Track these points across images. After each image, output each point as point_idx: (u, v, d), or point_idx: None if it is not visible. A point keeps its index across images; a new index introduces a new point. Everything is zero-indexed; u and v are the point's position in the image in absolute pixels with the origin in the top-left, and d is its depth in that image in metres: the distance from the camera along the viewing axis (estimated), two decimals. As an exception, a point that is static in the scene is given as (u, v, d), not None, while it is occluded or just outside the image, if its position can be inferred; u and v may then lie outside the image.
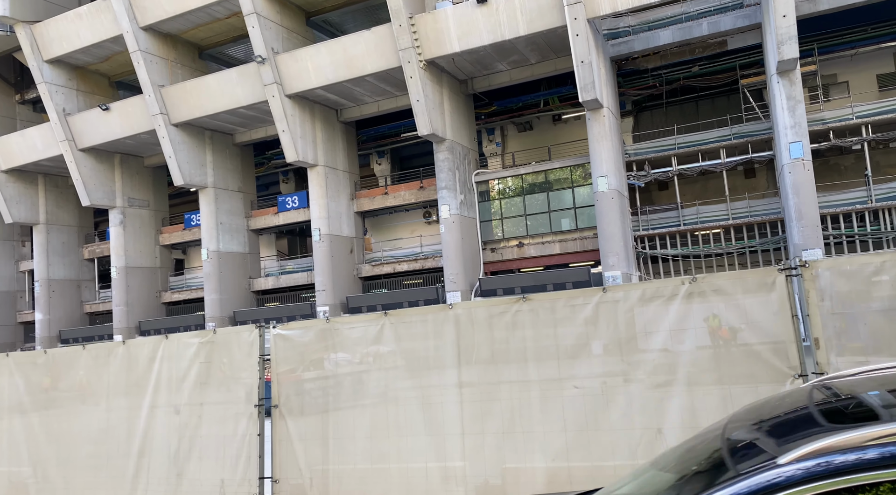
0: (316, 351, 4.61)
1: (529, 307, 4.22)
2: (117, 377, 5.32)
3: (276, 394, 4.73)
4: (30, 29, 26.71)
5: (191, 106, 25.45)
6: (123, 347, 5.44)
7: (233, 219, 28.43)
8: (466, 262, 23.02)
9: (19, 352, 6.00)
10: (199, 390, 4.96)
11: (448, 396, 4.08)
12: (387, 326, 4.50)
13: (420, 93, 21.47)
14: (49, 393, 5.71)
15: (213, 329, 4.90)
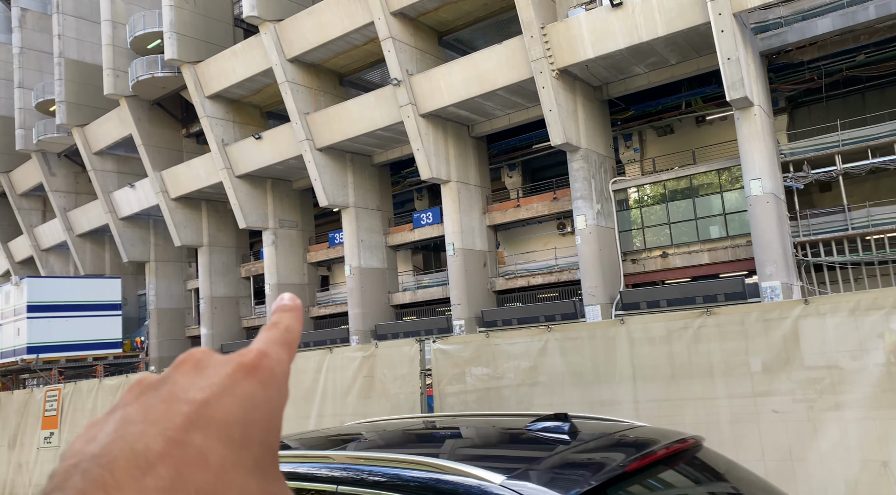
0: (477, 366, 4.45)
1: (715, 322, 3.79)
2: None
3: (438, 410, 4.60)
4: (193, 69, 29.54)
5: (333, 130, 26.83)
6: None
7: (372, 237, 29.51)
8: (605, 275, 22.19)
9: None
10: (363, 403, 4.95)
11: (622, 414, 3.77)
12: (551, 342, 4.25)
13: (552, 102, 21.13)
14: None
15: (374, 343, 4.92)
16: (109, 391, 7.42)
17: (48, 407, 7.82)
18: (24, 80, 38.70)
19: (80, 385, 7.93)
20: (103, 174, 36.51)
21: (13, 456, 8.43)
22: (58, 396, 7.69)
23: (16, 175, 42.44)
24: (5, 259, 47.73)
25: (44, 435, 7.97)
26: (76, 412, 7.78)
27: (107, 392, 7.44)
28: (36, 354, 32.88)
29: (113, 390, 7.32)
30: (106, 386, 7.57)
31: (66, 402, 7.77)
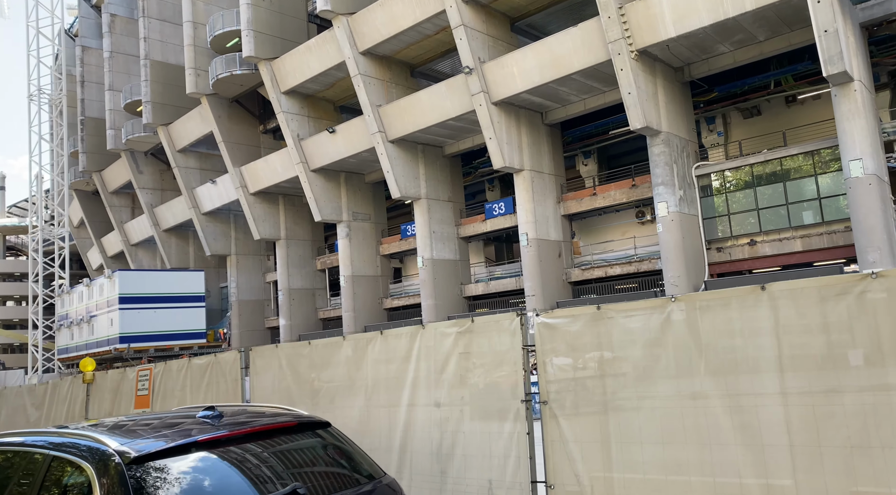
0: (587, 342, 4.08)
1: (883, 286, 3.23)
2: (375, 367, 5.36)
3: (544, 390, 4.27)
4: (270, 65, 30.21)
5: (405, 122, 26.83)
6: (381, 338, 5.46)
7: (444, 228, 29.41)
8: (689, 264, 21.22)
9: (286, 343, 6.64)
10: (459, 383, 4.69)
11: (766, 399, 3.30)
12: (675, 313, 3.78)
13: (632, 85, 20.32)
14: (313, 385, 5.98)
15: (470, 317, 4.65)
16: (198, 370, 7.45)
17: (140, 386, 8.00)
18: (114, 82, 40.73)
19: (170, 364, 7.93)
20: (186, 171, 37.99)
21: None
22: (149, 375, 7.84)
23: (107, 173, 44.80)
24: (99, 254, 50.60)
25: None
26: (167, 391, 7.87)
27: (195, 371, 7.47)
28: (127, 344, 34.62)
29: (202, 369, 7.36)
30: (195, 365, 7.56)
31: (157, 381, 7.92)
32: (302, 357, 6.09)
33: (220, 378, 6.97)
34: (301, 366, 6.14)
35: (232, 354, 6.90)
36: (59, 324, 42.82)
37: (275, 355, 6.38)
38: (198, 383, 7.24)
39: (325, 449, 4.02)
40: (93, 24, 45.95)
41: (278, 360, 6.34)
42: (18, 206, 78.83)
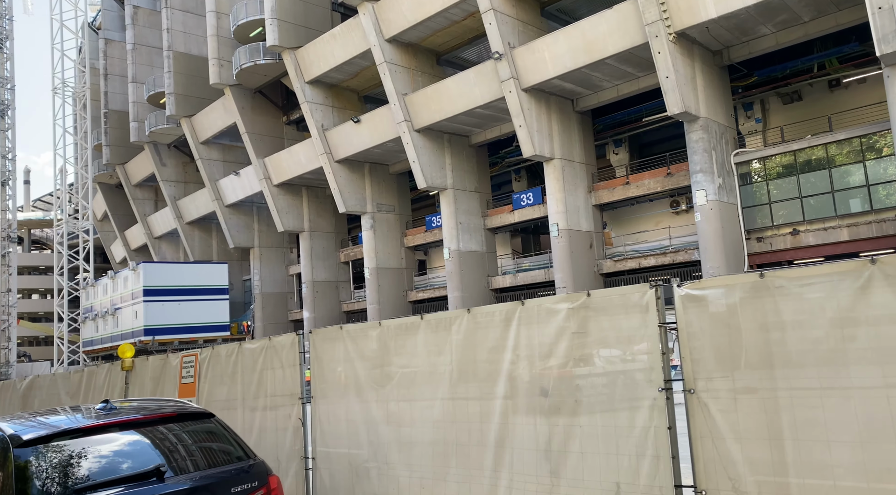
0: (747, 318, 3.44)
1: None
2: (461, 351, 4.82)
3: (689, 377, 3.60)
4: (293, 54, 29.81)
5: (431, 110, 26.29)
6: (468, 316, 4.90)
7: (470, 219, 28.87)
8: (728, 254, 20.47)
9: (352, 324, 6.12)
10: (573, 368, 4.08)
11: None
12: (877, 279, 3.07)
13: (670, 68, 19.58)
14: (384, 369, 5.46)
15: (587, 292, 4.07)
16: (250, 355, 6.73)
17: (185, 373, 7.51)
18: (137, 74, 40.66)
19: (218, 350, 7.25)
20: (210, 163, 37.81)
21: None
22: (195, 362, 7.39)
23: (130, 166, 44.84)
24: (123, 247, 50.78)
25: None
26: (214, 378, 7.20)
27: (247, 356, 6.78)
28: (152, 336, 34.55)
29: (254, 354, 6.68)
30: (246, 350, 6.80)
31: (203, 368, 7.28)
32: (370, 339, 5.57)
33: (276, 363, 6.41)
34: (368, 349, 5.62)
35: (289, 338, 6.38)
36: (84, 316, 42.98)
37: (339, 337, 5.84)
38: (250, 370, 6.71)
39: (203, 435, 4.86)
40: (115, 16, 45.96)
41: (343, 343, 5.80)
42: (43, 200, 79.65)
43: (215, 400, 7.07)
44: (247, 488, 4.54)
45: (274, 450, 6.44)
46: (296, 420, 6.21)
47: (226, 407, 6.93)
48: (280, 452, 6.41)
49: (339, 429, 5.85)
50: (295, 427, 6.23)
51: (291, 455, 6.29)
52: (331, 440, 5.94)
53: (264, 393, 6.55)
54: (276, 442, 6.42)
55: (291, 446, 6.28)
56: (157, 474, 4.15)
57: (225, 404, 6.95)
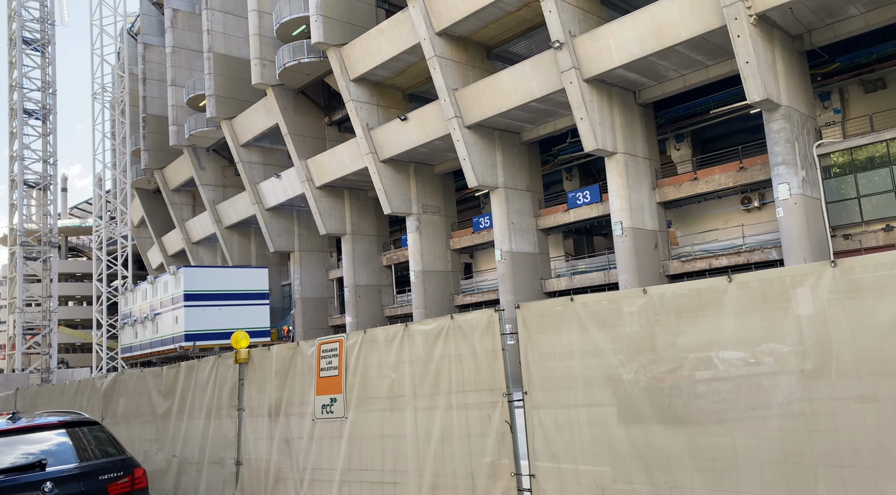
0: None
1: None
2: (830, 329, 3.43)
3: None
4: (339, 51, 29.01)
5: (484, 105, 25.22)
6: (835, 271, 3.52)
7: (522, 219, 27.68)
8: (814, 253, 18.97)
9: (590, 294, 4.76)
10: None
11: None
12: None
13: (750, 52, 18.22)
14: (658, 354, 4.05)
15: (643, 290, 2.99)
16: (423, 340, 5.27)
17: (325, 364, 6.11)
18: (176, 78, 40.31)
19: (373, 334, 5.86)
20: (250, 165, 37.21)
21: (277, 429, 6.70)
22: (339, 350, 6.04)
23: (168, 171, 44.53)
24: (159, 253, 50.50)
25: (321, 403, 6.17)
26: (369, 370, 5.77)
27: (417, 341, 5.31)
28: (193, 341, 33.89)
29: (429, 339, 5.23)
30: (415, 332, 5.42)
31: (350, 358, 5.91)
32: (622, 314, 4.24)
33: (463, 349, 5.02)
34: (624, 325, 4.25)
35: (483, 316, 5.02)
36: (123, 322, 42.62)
37: (568, 312, 4.52)
38: (422, 359, 5.31)
39: (88, 438, 6.22)
40: (154, 21, 45.84)
41: (577, 317, 4.44)
42: (79, 208, 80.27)
43: (371, 398, 5.75)
44: (114, 476, 5.97)
45: (466, 462, 5.02)
46: (500, 423, 4.81)
47: (389, 407, 5.65)
48: (475, 465, 4.98)
49: (573, 436, 4.48)
50: (499, 432, 4.84)
51: (495, 470, 4.83)
52: (562, 451, 4.48)
53: (445, 389, 5.18)
54: (467, 452, 5.01)
55: (495, 458, 4.85)
56: (40, 466, 5.51)
57: (387, 403, 5.69)
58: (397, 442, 5.48)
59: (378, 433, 5.62)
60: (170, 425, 8.43)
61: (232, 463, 7.27)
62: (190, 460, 7.93)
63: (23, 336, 37.44)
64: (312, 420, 6.30)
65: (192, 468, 7.80)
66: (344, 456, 5.87)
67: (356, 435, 5.90)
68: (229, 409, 7.61)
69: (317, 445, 6.24)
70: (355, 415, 5.89)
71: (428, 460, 5.16)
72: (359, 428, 5.91)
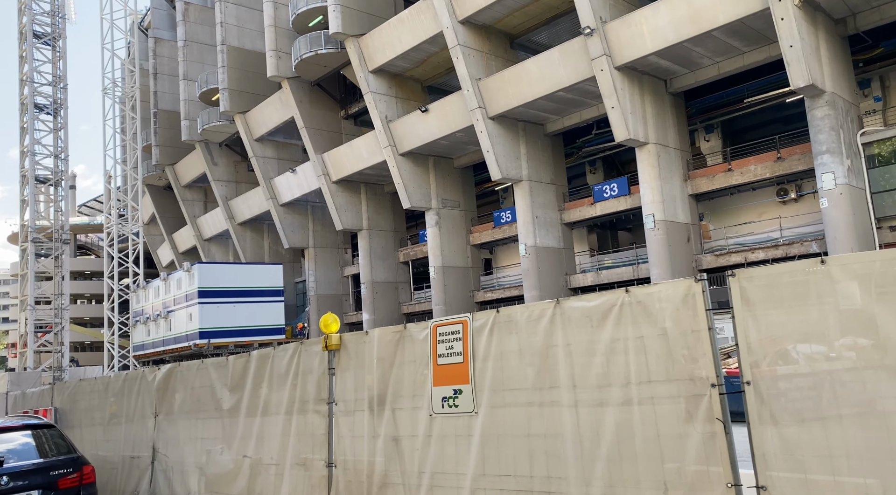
0: None
1: None
2: None
3: None
4: (357, 42, 28.32)
5: (508, 95, 24.51)
6: None
7: (547, 213, 26.95)
8: (861, 246, 18.21)
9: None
10: None
11: None
12: None
13: (795, 36, 17.47)
14: None
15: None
16: (585, 318, 4.38)
17: (444, 350, 5.27)
18: (188, 72, 39.71)
19: (509, 312, 4.97)
20: (264, 160, 36.58)
21: (381, 425, 5.79)
22: (462, 333, 5.23)
23: (180, 167, 43.94)
24: (170, 250, 49.94)
25: (440, 395, 5.32)
26: (507, 356, 4.84)
27: (578, 321, 4.40)
28: (207, 339, 33.24)
29: (595, 316, 4.36)
30: (570, 309, 4.53)
31: (479, 342, 5.02)
32: None
33: (648, 331, 4.12)
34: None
35: (677, 287, 4.12)
36: (135, 320, 42.02)
37: (821, 278, 3.51)
38: (585, 342, 4.40)
39: (45, 439, 7.43)
40: (165, 15, 45.25)
41: (830, 283, 3.46)
42: (88, 206, 79.84)
43: (511, 389, 4.87)
44: (64, 472, 6.85)
45: (654, 470, 4.10)
46: (707, 421, 3.93)
47: (538, 402, 4.74)
48: (668, 474, 4.07)
49: (831, 438, 3.57)
50: (706, 433, 3.97)
51: (701, 480, 3.94)
52: (810, 456, 3.58)
53: (621, 380, 4.27)
54: (656, 456, 4.07)
55: (700, 464, 3.97)
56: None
57: (533, 396, 4.76)
58: (551, 442, 4.57)
59: (523, 431, 4.76)
60: (238, 422, 7.64)
61: (322, 464, 6.47)
62: (266, 461, 7.11)
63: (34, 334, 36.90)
64: (430, 415, 5.44)
65: (268, 470, 6.98)
66: (476, 459, 4.99)
67: (491, 434, 5.01)
68: (316, 403, 6.79)
69: (437, 445, 5.38)
70: (489, 410, 5.03)
71: (597, 466, 4.31)
72: (495, 425, 5.02)
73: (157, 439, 8.85)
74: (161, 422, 8.82)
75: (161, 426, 8.90)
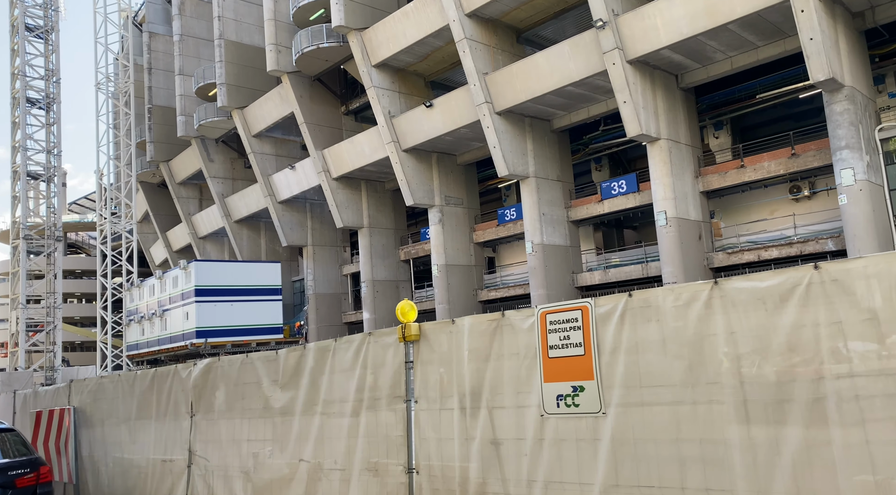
0: None
1: None
2: None
3: None
4: (360, 36, 27.78)
5: (516, 90, 24.04)
6: None
7: (553, 210, 26.50)
8: (881, 243, 17.88)
9: None
10: None
11: None
12: None
13: (815, 28, 17.11)
14: None
15: None
16: (751, 299, 3.75)
17: (557, 341, 4.61)
18: (184, 67, 38.99)
19: (646, 296, 4.27)
20: (262, 157, 35.93)
21: (476, 426, 5.09)
22: (582, 321, 4.50)
23: (175, 163, 43.18)
24: (164, 249, 49.13)
25: (554, 392, 4.67)
26: (646, 348, 4.19)
27: (741, 302, 3.77)
28: (204, 338, 32.57)
29: (764, 298, 3.72)
30: (734, 290, 3.91)
31: (607, 331, 4.36)
32: None
33: (851, 316, 3.49)
34: None
35: (885, 261, 3.50)
36: (129, 319, 41.22)
37: None
38: (759, 328, 3.73)
39: (7, 442, 8.32)
40: (160, 9, 44.48)
41: None
42: (78, 204, 78.64)
43: (651, 386, 4.21)
44: (23, 471, 7.62)
45: (858, 485, 3.49)
46: None
47: (690, 400, 4.12)
48: (882, 489, 3.42)
49: None
50: None
51: None
52: None
53: (809, 375, 3.62)
54: (866, 466, 3.42)
55: None
56: None
57: (683, 394, 4.13)
58: (710, 449, 3.95)
59: (669, 435, 4.11)
60: (292, 422, 6.91)
61: (399, 470, 5.81)
62: (328, 466, 6.41)
63: (25, 333, 36.06)
64: (541, 415, 4.79)
65: (332, 476, 6.26)
66: (605, 467, 4.38)
67: (625, 438, 4.38)
68: (390, 401, 6.07)
69: (551, 450, 4.72)
70: (622, 410, 4.38)
71: (777, 478, 3.68)
72: (629, 427, 4.40)
73: (195, 441, 8.14)
74: (199, 422, 8.11)
75: (199, 426, 8.23)
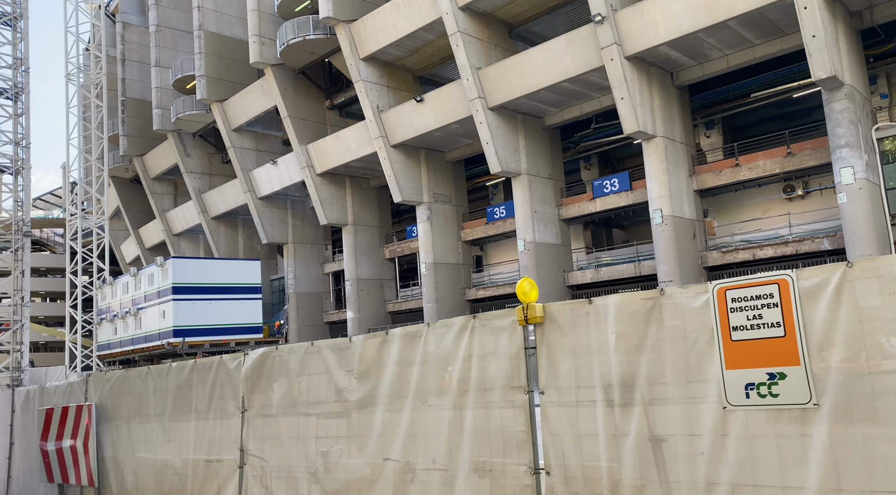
0: None
1: None
2: None
3: None
4: (348, 28, 27.13)
5: (511, 85, 23.67)
6: None
7: (545, 208, 26.20)
8: (880, 242, 17.91)
9: None
10: None
11: None
12: None
13: (818, 25, 17.06)
14: None
15: None
16: None
17: (742, 321, 3.96)
18: (161, 58, 37.79)
19: (873, 265, 3.70)
20: (242, 152, 34.99)
21: (629, 422, 4.49)
22: (779, 298, 3.81)
23: (149, 158, 41.86)
24: (136, 246, 47.63)
25: (742, 381, 4.04)
26: (875, 326, 3.61)
27: None
28: (182, 337, 31.52)
29: None
30: None
31: (816, 308, 3.75)
32: None
33: None
34: None
35: None
36: (100, 318, 39.78)
37: None
38: None
39: None
40: (134, 0, 43.09)
41: None
42: (42, 200, 75.97)
43: (882, 373, 3.61)
44: None
45: None
46: None
47: None
48: None
49: None
50: None
51: None
52: None
53: None
54: None
55: None
56: None
57: None
58: None
59: None
60: (374, 417, 6.18)
61: (523, 470, 5.13)
62: (422, 466, 5.68)
63: (-10, 333, 34.44)
64: (723, 408, 4.14)
65: (428, 477, 5.57)
66: (822, 468, 3.78)
67: (849, 434, 3.75)
68: (506, 392, 5.32)
69: (739, 447, 4.07)
70: (842, 401, 3.73)
71: None
72: (854, 421, 3.79)
73: (248, 439, 7.34)
74: (252, 419, 7.35)
75: (253, 423, 7.40)
